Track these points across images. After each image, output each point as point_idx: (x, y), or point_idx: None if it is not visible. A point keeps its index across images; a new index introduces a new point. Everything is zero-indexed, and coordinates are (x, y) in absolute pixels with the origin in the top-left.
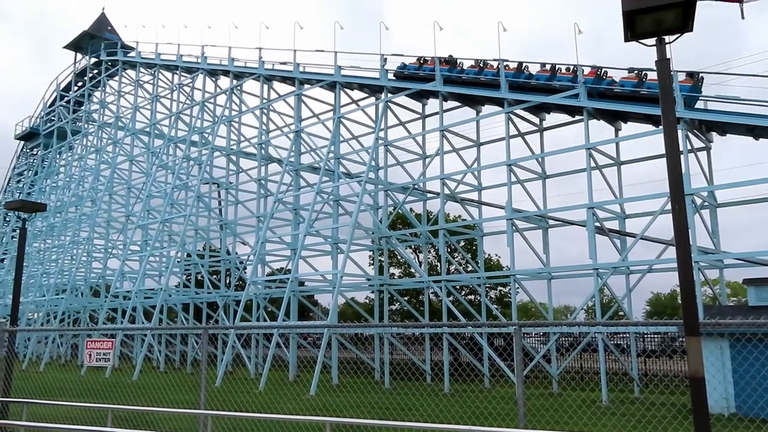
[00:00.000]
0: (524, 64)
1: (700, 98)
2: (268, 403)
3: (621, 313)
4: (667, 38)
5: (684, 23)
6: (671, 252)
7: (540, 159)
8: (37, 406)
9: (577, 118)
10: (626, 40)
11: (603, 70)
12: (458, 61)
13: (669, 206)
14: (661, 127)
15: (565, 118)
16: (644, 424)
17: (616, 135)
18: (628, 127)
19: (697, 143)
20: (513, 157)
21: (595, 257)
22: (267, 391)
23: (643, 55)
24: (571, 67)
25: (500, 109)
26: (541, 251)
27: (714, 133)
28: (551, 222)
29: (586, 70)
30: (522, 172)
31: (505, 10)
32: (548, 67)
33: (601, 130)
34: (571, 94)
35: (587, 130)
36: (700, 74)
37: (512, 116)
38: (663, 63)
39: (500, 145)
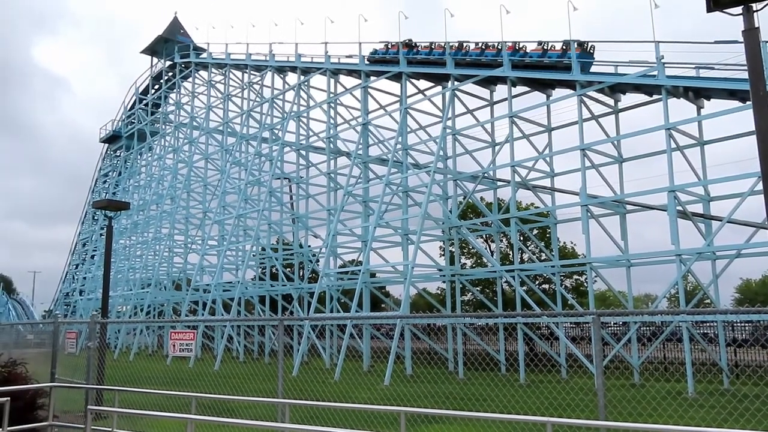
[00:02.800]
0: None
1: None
2: (343, 392)
3: (707, 301)
4: (754, 6)
5: None
6: (762, 235)
7: (615, 142)
8: (128, 393)
9: (656, 97)
10: (709, 10)
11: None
12: (416, 44)
13: (759, 186)
14: (748, 103)
15: (642, 98)
16: (736, 417)
17: (698, 113)
18: (711, 105)
19: None
20: (586, 141)
21: (678, 243)
22: (342, 380)
23: (722, 28)
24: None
25: (572, 91)
26: (619, 238)
27: None
28: (629, 207)
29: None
30: (596, 156)
31: None
32: None
33: (681, 108)
34: (648, 72)
35: (666, 109)
36: (590, 43)
37: (585, 99)
38: (751, 33)
39: (572, 130)
